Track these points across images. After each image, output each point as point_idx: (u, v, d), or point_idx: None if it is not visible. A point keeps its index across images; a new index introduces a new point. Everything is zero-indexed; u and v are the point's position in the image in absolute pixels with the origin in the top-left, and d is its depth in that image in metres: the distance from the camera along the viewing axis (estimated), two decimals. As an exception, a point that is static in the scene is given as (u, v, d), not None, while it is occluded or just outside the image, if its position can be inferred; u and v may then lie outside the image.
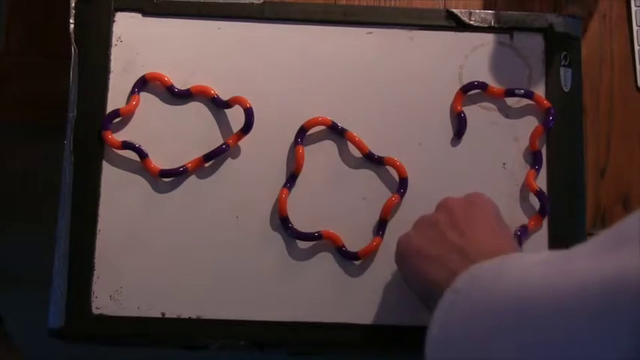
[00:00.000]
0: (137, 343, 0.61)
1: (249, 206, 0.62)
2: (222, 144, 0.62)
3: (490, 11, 0.66)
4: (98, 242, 0.61)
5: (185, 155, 0.63)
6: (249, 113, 0.63)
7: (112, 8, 0.65)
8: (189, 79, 0.64)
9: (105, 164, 0.62)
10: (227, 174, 0.63)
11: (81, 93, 0.63)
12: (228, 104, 0.63)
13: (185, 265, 0.61)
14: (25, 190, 1.20)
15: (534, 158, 0.63)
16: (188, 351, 0.62)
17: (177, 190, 0.63)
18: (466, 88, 0.64)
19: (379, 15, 0.66)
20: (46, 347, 0.71)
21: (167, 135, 0.63)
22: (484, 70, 0.65)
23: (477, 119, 0.64)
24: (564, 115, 0.64)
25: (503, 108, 0.65)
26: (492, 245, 0.50)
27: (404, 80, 0.65)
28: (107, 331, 0.60)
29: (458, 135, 0.64)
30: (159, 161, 0.63)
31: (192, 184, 0.63)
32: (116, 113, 0.63)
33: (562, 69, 0.65)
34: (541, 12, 0.69)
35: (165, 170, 0.62)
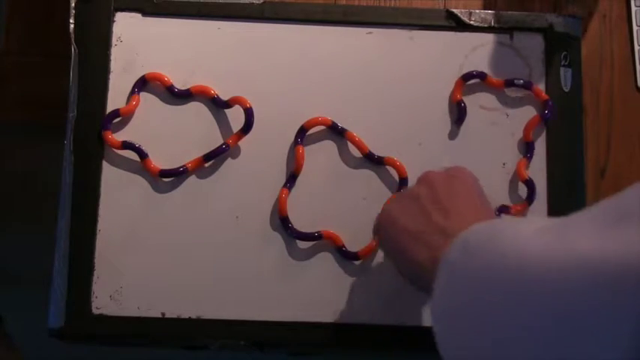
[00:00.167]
0: (137, 343, 0.61)
1: (249, 206, 0.62)
2: (222, 144, 0.62)
3: (490, 11, 0.66)
4: (98, 242, 0.61)
5: (185, 155, 0.63)
6: (249, 113, 0.63)
7: (112, 8, 0.65)
8: (189, 79, 0.64)
9: (105, 164, 0.62)
10: (227, 174, 0.63)
11: (81, 93, 0.63)
12: (228, 104, 0.63)
13: (185, 265, 0.61)
14: (25, 190, 1.20)
15: (527, 148, 0.63)
16: (188, 351, 0.62)
17: (177, 190, 0.63)
18: (466, 77, 0.64)
19: (379, 15, 0.66)
20: (46, 347, 0.71)
21: (167, 135, 0.63)
22: (484, 70, 0.65)
23: (477, 119, 0.64)
24: (564, 115, 0.64)
25: (503, 108, 0.65)
26: (475, 220, 0.49)
27: (404, 80, 0.65)
28: (107, 331, 0.60)
29: (457, 123, 0.64)
30: (159, 161, 0.63)
31: (192, 184, 0.63)
32: (116, 113, 0.63)
33: (562, 69, 0.65)
34: (541, 12, 0.69)
35: (165, 170, 0.62)
